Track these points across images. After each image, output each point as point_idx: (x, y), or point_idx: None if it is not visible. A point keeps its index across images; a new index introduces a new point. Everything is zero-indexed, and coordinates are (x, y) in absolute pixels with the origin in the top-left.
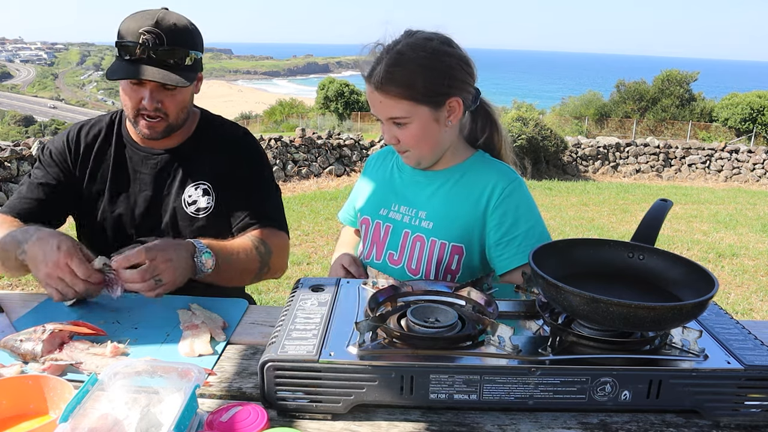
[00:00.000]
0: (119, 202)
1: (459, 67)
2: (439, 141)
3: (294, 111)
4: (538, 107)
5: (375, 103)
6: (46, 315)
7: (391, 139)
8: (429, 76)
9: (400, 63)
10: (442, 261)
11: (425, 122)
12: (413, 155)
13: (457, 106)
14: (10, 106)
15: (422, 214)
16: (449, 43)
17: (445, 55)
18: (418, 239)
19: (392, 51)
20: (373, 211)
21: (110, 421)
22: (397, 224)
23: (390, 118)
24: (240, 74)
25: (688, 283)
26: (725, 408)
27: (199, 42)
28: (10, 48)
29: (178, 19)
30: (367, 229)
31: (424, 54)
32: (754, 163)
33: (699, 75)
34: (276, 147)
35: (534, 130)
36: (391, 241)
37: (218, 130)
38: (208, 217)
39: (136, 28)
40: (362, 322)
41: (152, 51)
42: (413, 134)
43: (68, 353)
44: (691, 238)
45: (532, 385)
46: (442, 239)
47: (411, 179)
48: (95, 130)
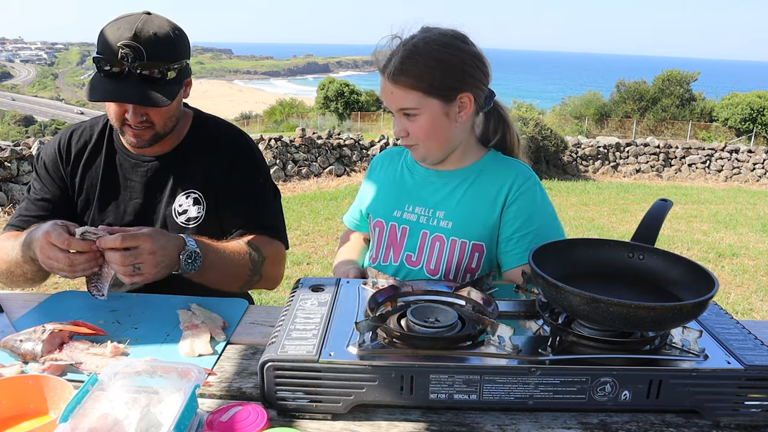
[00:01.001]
0: (108, 211)
1: (472, 64)
2: (449, 136)
3: (294, 111)
4: (538, 107)
5: (387, 94)
6: (46, 315)
7: (400, 132)
8: (440, 68)
9: (414, 55)
10: (462, 260)
11: (435, 115)
12: (421, 149)
13: (468, 102)
14: (10, 106)
15: (440, 214)
16: (464, 40)
17: (458, 50)
18: (438, 239)
19: (408, 44)
20: (387, 213)
21: (110, 421)
22: (413, 225)
23: (401, 109)
24: (240, 74)
25: (688, 283)
26: (725, 408)
27: (184, 49)
28: (10, 48)
29: (159, 26)
30: (382, 232)
31: (438, 47)
32: (754, 163)
33: (699, 75)
34: (276, 147)
35: (534, 130)
36: (408, 243)
37: (212, 132)
38: (199, 227)
39: (114, 40)
40: (362, 322)
41: (131, 66)
42: (423, 127)
43: (68, 353)
44: (691, 238)
45: (532, 385)
46: (463, 238)
47: (424, 180)
48: (86, 135)
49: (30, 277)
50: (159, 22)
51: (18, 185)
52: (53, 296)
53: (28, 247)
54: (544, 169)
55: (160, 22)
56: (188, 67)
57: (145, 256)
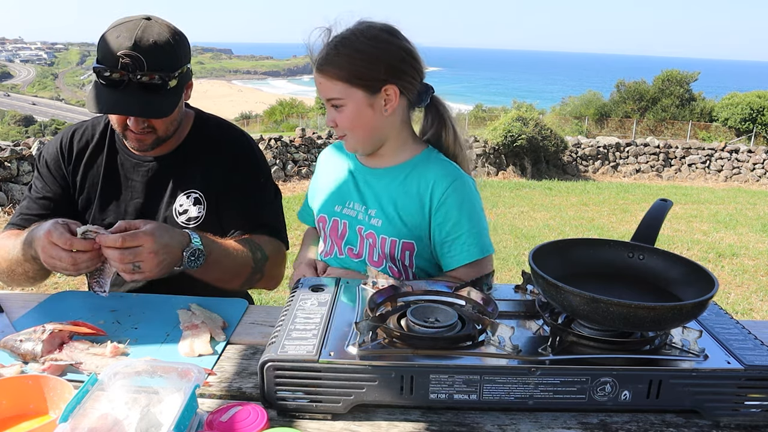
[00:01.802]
0: (109, 210)
1: (399, 57)
2: (375, 127)
3: (294, 111)
4: (538, 107)
5: (317, 84)
6: (46, 315)
7: (330, 122)
8: (364, 59)
9: (339, 46)
10: (395, 256)
11: (359, 106)
12: (350, 140)
13: (393, 95)
14: (10, 106)
15: (372, 212)
16: (393, 33)
17: (384, 42)
18: (370, 236)
19: (337, 36)
20: (329, 208)
21: (110, 421)
22: (351, 220)
23: (328, 100)
24: (240, 74)
25: (688, 283)
26: (725, 408)
27: (185, 55)
28: (10, 48)
29: (159, 33)
30: (324, 227)
31: (364, 39)
32: (754, 163)
33: (699, 75)
34: (276, 147)
35: (534, 130)
36: (349, 237)
37: (213, 132)
38: (199, 227)
39: (114, 49)
40: (362, 322)
41: (132, 76)
42: (348, 117)
43: (68, 353)
44: (691, 238)
45: (532, 385)
46: (392, 236)
47: (362, 176)
48: (88, 134)
49: (31, 275)
50: (159, 29)
51: (18, 185)
52: (53, 296)
53: (29, 246)
54: (544, 169)
55: (160, 29)
56: (189, 71)
57: (145, 255)
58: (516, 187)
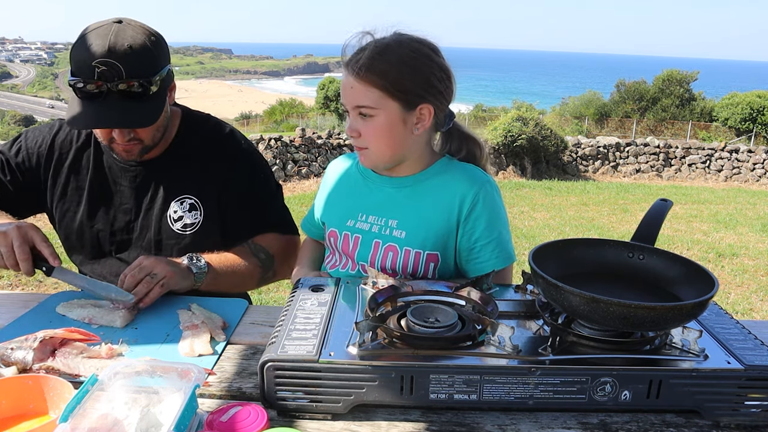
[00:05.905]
0: (98, 217)
1: (440, 76)
2: (401, 144)
3: (294, 111)
4: (538, 107)
5: (347, 89)
6: (45, 315)
7: (352, 132)
8: (407, 72)
9: (384, 54)
10: (417, 269)
11: (392, 119)
12: (371, 154)
13: (427, 115)
14: (10, 106)
15: (393, 222)
16: (435, 51)
17: (428, 59)
18: (390, 249)
19: (380, 43)
20: (340, 222)
21: (110, 421)
22: (366, 234)
23: (357, 107)
24: (240, 74)
25: (688, 283)
26: (725, 408)
27: (164, 56)
28: (10, 48)
29: (134, 36)
30: (336, 242)
31: (409, 51)
32: (754, 163)
33: (699, 75)
34: (276, 147)
35: (534, 130)
36: (360, 252)
37: (202, 131)
38: (196, 234)
39: (88, 58)
40: (362, 322)
41: (111, 85)
42: (375, 128)
43: (62, 360)
44: (691, 238)
45: (532, 385)
46: (417, 248)
47: (377, 187)
48: (73, 134)
49: None
50: (132, 32)
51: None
52: (53, 296)
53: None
54: (544, 168)
55: (134, 31)
56: (170, 72)
57: (152, 263)
58: (516, 187)
